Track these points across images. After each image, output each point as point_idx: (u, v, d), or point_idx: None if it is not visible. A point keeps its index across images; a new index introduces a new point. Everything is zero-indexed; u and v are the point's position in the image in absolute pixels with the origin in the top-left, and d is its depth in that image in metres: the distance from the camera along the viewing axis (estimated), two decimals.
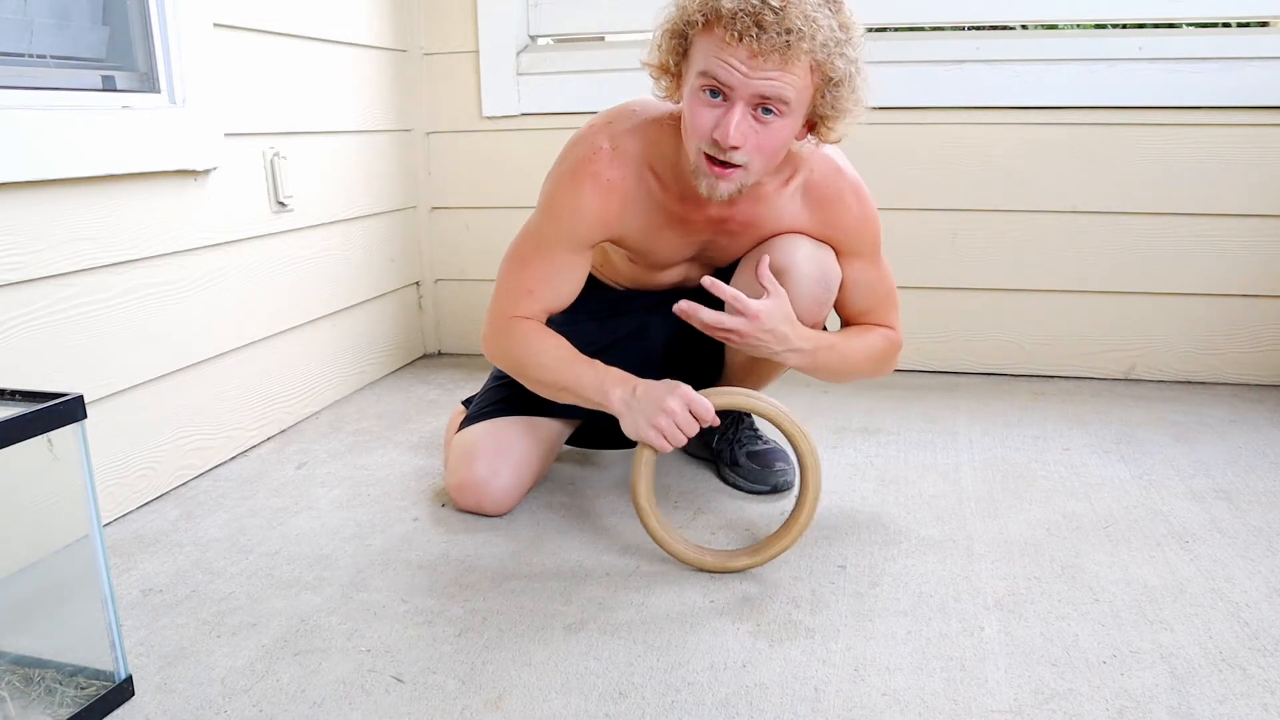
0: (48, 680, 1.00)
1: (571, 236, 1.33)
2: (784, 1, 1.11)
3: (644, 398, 1.24)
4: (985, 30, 2.08)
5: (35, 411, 0.89)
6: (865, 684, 1.01)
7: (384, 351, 2.21)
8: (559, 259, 1.34)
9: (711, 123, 1.17)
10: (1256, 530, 1.36)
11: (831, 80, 1.17)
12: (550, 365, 1.32)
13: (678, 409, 1.22)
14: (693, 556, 1.25)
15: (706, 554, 1.26)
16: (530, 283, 1.35)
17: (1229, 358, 2.07)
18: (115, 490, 1.43)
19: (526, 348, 1.33)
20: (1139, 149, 2.00)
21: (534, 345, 1.33)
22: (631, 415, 1.25)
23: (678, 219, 1.34)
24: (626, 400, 1.26)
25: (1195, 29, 1.98)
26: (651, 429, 1.23)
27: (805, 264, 1.33)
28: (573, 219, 1.31)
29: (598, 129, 1.33)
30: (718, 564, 1.25)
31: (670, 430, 1.22)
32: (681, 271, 1.47)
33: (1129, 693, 0.98)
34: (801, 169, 1.34)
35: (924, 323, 2.17)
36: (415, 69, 2.26)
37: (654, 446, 1.23)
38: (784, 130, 1.19)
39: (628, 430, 1.26)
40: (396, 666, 1.05)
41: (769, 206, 1.33)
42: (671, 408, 1.22)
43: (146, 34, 1.47)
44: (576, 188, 1.30)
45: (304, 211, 1.84)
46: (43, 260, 1.28)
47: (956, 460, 1.64)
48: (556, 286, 1.35)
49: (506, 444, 1.43)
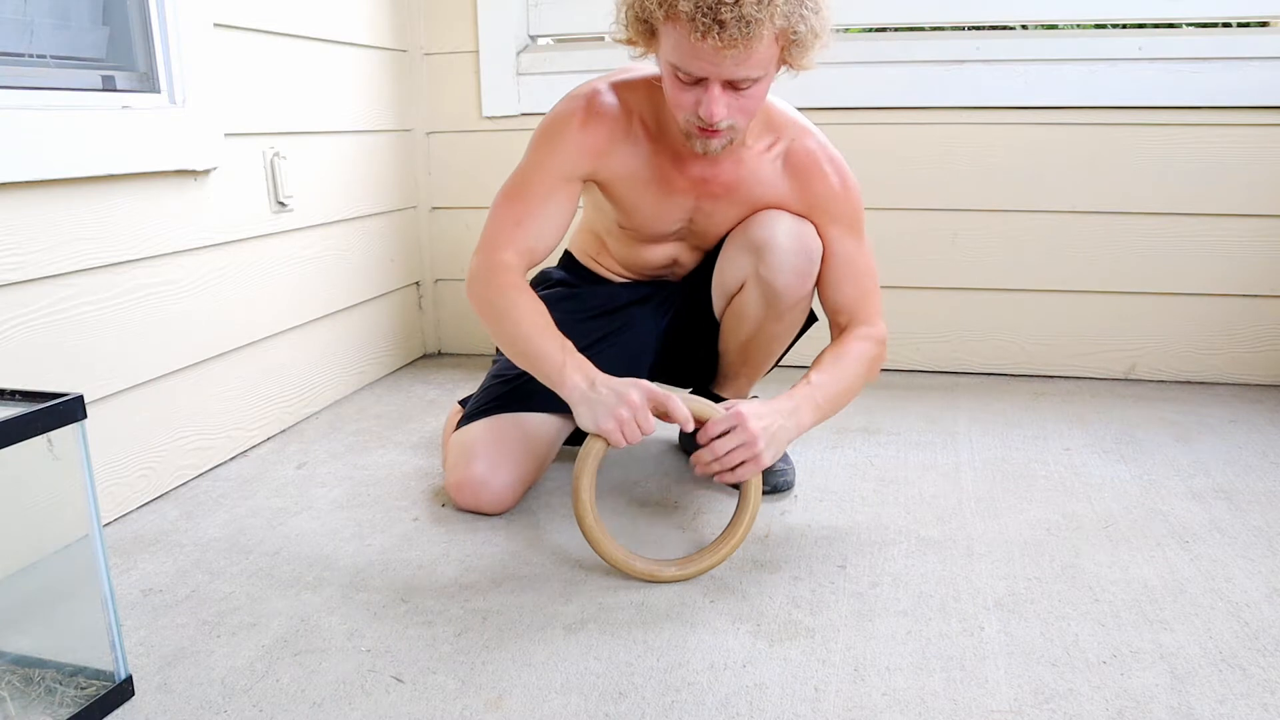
0: (48, 680, 1.00)
1: (561, 165, 1.34)
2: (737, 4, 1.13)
3: (604, 389, 1.23)
4: (985, 30, 2.08)
5: (35, 411, 0.89)
6: (865, 684, 1.01)
7: (384, 351, 2.21)
8: (546, 188, 1.35)
9: (692, 102, 1.22)
10: (1256, 530, 1.36)
11: (796, 38, 1.19)
12: (524, 326, 1.30)
13: (639, 403, 1.21)
14: (622, 560, 1.22)
15: (636, 560, 1.22)
16: (518, 213, 1.34)
17: (1229, 358, 2.07)
18: (115, 490, 1.43)
19: (505, 297, 1.31)
20: (1139, 149, 2.00)
21: (514, 297, 1.31)
22: (590, 406, 1.23)
23: (662, 176, 1.37)
24: (583, 390, 1.24)
25: (1195, 29, 1.98)
26: (612, 420, 1.21)
27: (785, 236, 1.36)
28: (562, 145, 1.34)
29: (592, 82, 1.38)
30: (647, 572, 1.22)
31: (629, 424, 1.21)
32: (671, 252, 1.50)
33: (1129, 693, 0.98)
34: (783, 137, 1.38)
35: (924, 323, 2.17)
36: (415, 69, 2.26)
37: (610, 440, 1.21)
38: (761, 89, 1.24)
39: (583, 422, 1.24)
40: (396, 666, 1.05)
41: (750, 170, 1.37)
42: (634, 400, 1.21)
43: (146, 34, 1.47)
44: (567, 117, 1.34)
45: (304, 211, 1.84)
46: (43, 260, 1.28)
47: (956, 460, 1.64)
48: (543, 221, 1.35)
49: (505, 442, 1.43)
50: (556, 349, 1.28)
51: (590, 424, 1.23)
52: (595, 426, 1.22)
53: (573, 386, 1.25)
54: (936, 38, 2.05)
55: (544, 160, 1.35)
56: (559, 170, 1.35)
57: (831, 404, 1.34)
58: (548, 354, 1.27)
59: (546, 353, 1.27)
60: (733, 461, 1.22)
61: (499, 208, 1.37)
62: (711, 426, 1.23)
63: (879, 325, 1.42)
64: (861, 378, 1.38)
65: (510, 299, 1.31)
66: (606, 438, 1.22)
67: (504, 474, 1.42)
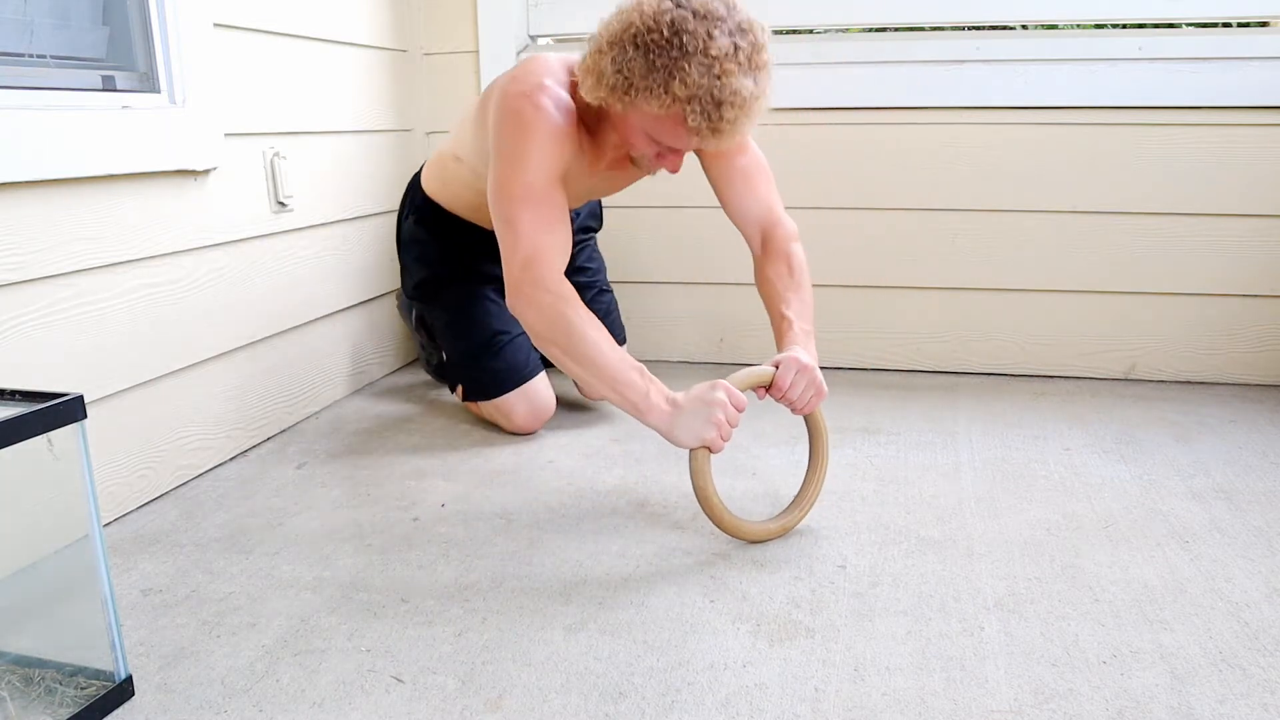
0: (48, 680, 1.00)
1: (552, 165, 1.37)
2: (736, 112, 1.22)
3: (688, 403, 1.27)
4: (985, 30, 2.08)
5: (35, 411, 0.89)
6: (865, 684, 1.01)
7: (384, 351, 2.21)
8: (553, 189, 1.37)
9: (655, 154, 1.36)
10: (1256, 530, 1.36)
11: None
12: (603, 352, 1.31)
13: (725, 400, 1.26)
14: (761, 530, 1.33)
15: (770, 523, 1.34)
16: (545, 218, 1.35)
17: (1229, 358, 2.07)
18: (115, 490, 1.43)
19: (577, 321, 1.31)
20: (1139, 149, 2.00)
21: (584, 320, 1.32)
22: (683, 426, 1.27)
23: (589, 166, 1.49)
24: (669, 413, 1.28)
25: (1195, 29, 1.98)
26: (712, 429, 1.25)
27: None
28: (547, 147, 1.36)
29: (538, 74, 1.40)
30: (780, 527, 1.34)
31: (726, 426, 1.26)
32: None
33: (1129, 693, 0.98)
34: None
35: (924, 323, 2.17)
36: (415, 69, 2.26)
37: (713, 449, 1.27)
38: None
39: (681, 441, 1.27)
40: (396, 666, 1.05)
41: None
42: (722, 400, 1.26)
43: (146, 34, 1.47)
44: (542, 120, 1.36)
45: (304, 211, 1.84)
46: (43, 260, 1.28)
47: (956, 460, 1.64)
48: (564, 227, 1.39)
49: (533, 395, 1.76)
50: (637, 375, 1.31)
51: (691, 440, 1.27)
52: (698, 441, 1.26)
53: (660, 413, 1.28)
54: (936, 38, 2.05)
55: (540, 161, 1.36)
56: (554, 170, 1.38)
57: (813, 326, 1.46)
58: (631, 383, 1.30)
59: (630, 381, 1.30)
60: (807, 397, 1.34)
61: (520, 213, 1.35)
62: (782, 380, 1.33)
63: (789, 221, 1.53)
64: (808, 280, 1.50)
65: (581, 320, 1.32)
66: (710, 446, 1.26)
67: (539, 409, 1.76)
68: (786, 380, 1.32)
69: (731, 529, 1.31)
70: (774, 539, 1.34)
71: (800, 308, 1.44)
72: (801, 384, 1.33)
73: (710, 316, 2.25)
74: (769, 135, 2.08)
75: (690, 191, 2.14)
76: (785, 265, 1.48)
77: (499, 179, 1.38)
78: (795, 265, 1.48)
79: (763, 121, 1.27)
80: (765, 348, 2.24)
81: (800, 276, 1.48)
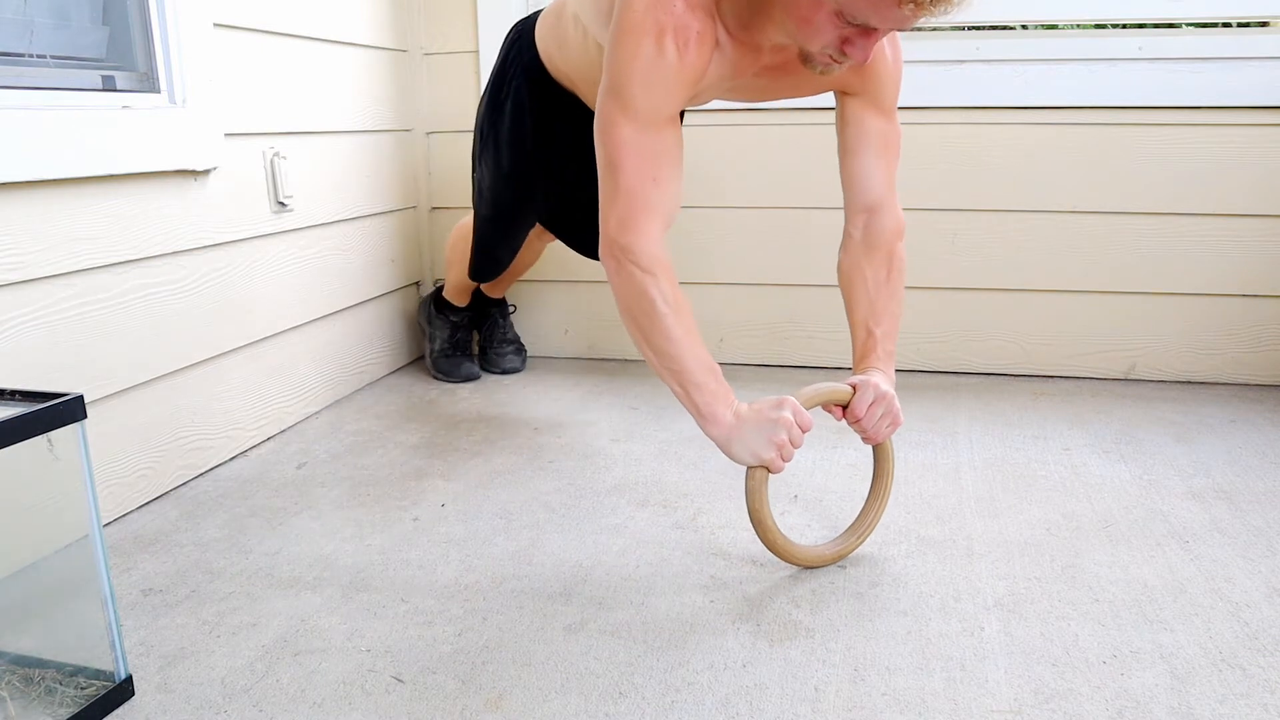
0: (48, 680, 1.00)
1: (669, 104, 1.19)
2: None
3: (751, 421, 1.18)
4: (985, 30, 2.08)
5: (35, 411, 0.89)
6: (865, 684, 1.01)
7: (384, 351, 2.21)
8: (665, 134, 1.20)
9: (838, 40, 1.11)
10: (1256, 530, 1.36)
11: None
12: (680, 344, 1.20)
13: (791, 420, 1.17)
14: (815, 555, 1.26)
15: (825, 549, 1.28)
16: (651, 168, 1.18)
17: (1229, 358, 2.07)
18: (115, 490, 1.43)
19: (665, 297, 1.20)
20: (1139, 149, 2.00)
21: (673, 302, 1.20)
22: (742, 442, 1.18)
23: (738, 70, 1.25)
24: (732, 425, 1.19)
25: (1195, 29, 1.98)
26: (773, 449, 1.17)
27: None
28: (664, 81, 1.17)
29: None
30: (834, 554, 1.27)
31: (788, 447, 1.17)
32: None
33: (1129, 693, 0.98)
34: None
35: (924, 323, 2.17)
36: (415, 69, 2.26)
37: (772, 469, 1.18)
38: None
39: (738, 458, 1.19)
40: (396, 666, 1.05)
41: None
42: (788, 420, 1.17)
43: (146, 34, 1.47)
44: (659, 50, 1.15)
45: (304, 211, 1.84)
46: (43, 260, 1.28)
47: (956, 460, 1.64)
48: (675, 173, 1.22)
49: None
50: (711, 379, 1.21)
51: (749, 459, 1.18)
52: (756, 460, 1.18)
53: (722, 425, 1.20)
54: (936, 38, 2.05)
55: (654, 101, 1.17)
56: (670, 110, 1.20)
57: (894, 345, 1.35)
58: (701, 385, 1.20)
59: (700, 384, 1.20)
60: (882, 428, 1.27)
61: (625, 156, 1.18)
62: (858, 406, 1.25)
63: (900, 213, 1.37)
64: (902, 290, 1.36)
65: (667, 306, 1.20)
66: (769, 467, 1.18)
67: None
68: (863, 407, 1.24)
69: (785, 554, 1.23)
70: (828, 565, 1.27)
71: (890, 324, 1.33)
72: (879, 412, 1.24)
73: (710, 317, 2.25)
74: (769, 136, 2.08)
75: (690, 191, 2.14)
76: (885, 267, 1.34)
77: (605, 100, 1.20)
78: (896, 268, 1.34)
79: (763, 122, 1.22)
80: (765, 348, 2.24)
81: (898, 284, 1.34)
